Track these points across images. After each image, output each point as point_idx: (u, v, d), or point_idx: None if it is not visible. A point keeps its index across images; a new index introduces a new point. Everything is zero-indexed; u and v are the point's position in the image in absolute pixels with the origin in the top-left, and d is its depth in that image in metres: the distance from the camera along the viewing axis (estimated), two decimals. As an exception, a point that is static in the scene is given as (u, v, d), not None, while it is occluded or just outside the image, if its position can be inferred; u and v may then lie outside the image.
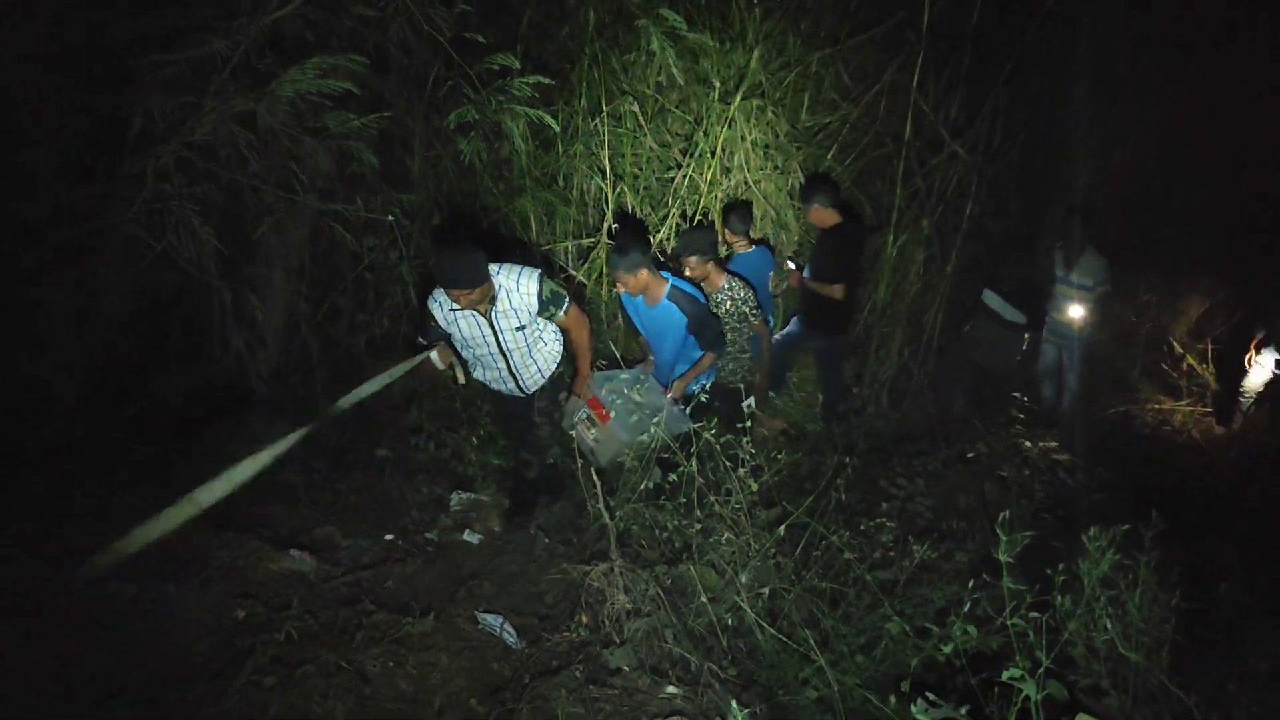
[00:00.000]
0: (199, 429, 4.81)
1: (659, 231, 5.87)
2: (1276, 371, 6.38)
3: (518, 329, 3.90)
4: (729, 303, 4.91)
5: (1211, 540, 3.67)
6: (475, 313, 3.78)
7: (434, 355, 3.86)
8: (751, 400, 5.10)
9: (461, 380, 4.16)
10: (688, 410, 4.56)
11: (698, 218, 6.19)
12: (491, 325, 3.85)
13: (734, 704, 2.09)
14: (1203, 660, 2.68)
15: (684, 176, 6.01)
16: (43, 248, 3.95)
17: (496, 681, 3.29)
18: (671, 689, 3.03)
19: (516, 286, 3.79)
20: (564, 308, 3.95)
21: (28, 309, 3.99)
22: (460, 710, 3.07)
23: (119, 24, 4.06)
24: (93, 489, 3.91)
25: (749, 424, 3.72)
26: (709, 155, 5.86)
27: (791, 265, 5.96)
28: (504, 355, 3.99)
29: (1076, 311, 6.16)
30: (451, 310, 3.77)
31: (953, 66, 6.45)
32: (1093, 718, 2.08)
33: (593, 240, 5.83)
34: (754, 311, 4.99)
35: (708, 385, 4.77)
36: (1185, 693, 2.27)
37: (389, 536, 4.31)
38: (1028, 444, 5.52)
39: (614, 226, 5.66)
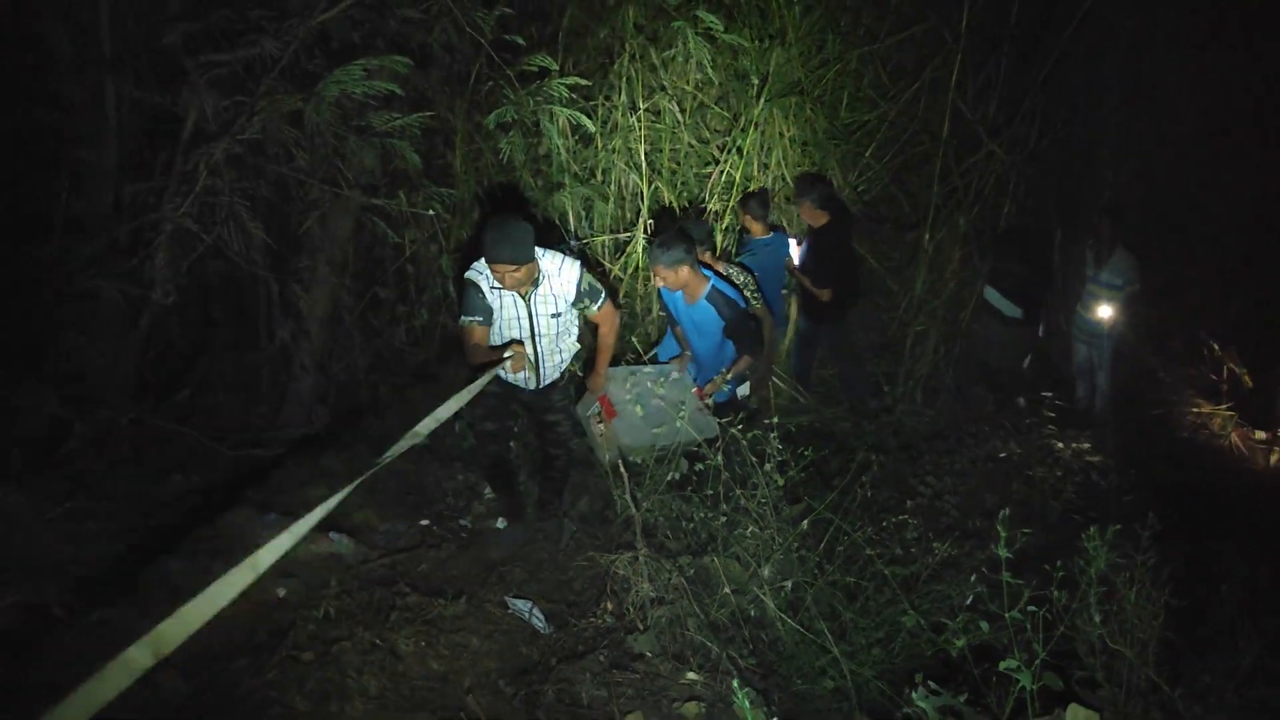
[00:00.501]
0: (242, 416, 5.01)
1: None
2: None
3: (553, 316, 3.83)
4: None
5: (1226, 542, 3.69)
6: (515, 293, 3.69)
7: (507, 365, 3.62)
8: (746, 385, 5.06)
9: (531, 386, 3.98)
10: (709, 404, 4.59)
11: (729, 216, 6.26)
12: (529, 309, 3.77)
13: (736, 683, 2.16)
14: (1194, 656, 2.73)
15: (721, 172, 6.07)
16: (100, 240, 4.12)
17: (524, 664, 3.40)
18: (692, 675, 3.11)
19: (559, 272, 3.74)
20: (599, 302, 3.91)
21: (85, 299, 4.16)
22: (489, 690, 3.18)
23: (175, 26, 4.23)
24: (139, 473, 4.10)
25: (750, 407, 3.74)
26: (745, 151, 5.92)
27: (793, 243, 5.98)
28: (533, 341, 3.87)
29: (1106, 311, 6.14)
30: (494, 287, 3.66)
31: (991, 65, 6.45)
32: (1084, 708, 2.16)
33: (629, 235, 5.91)
34: (754, 296, 4.94)
35: (729, 375, 4.71)
36: (1172, 686, 2.33)
37: (424, 522, 4.45)
38: (1060, 445, 5.51)
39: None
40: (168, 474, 4.17)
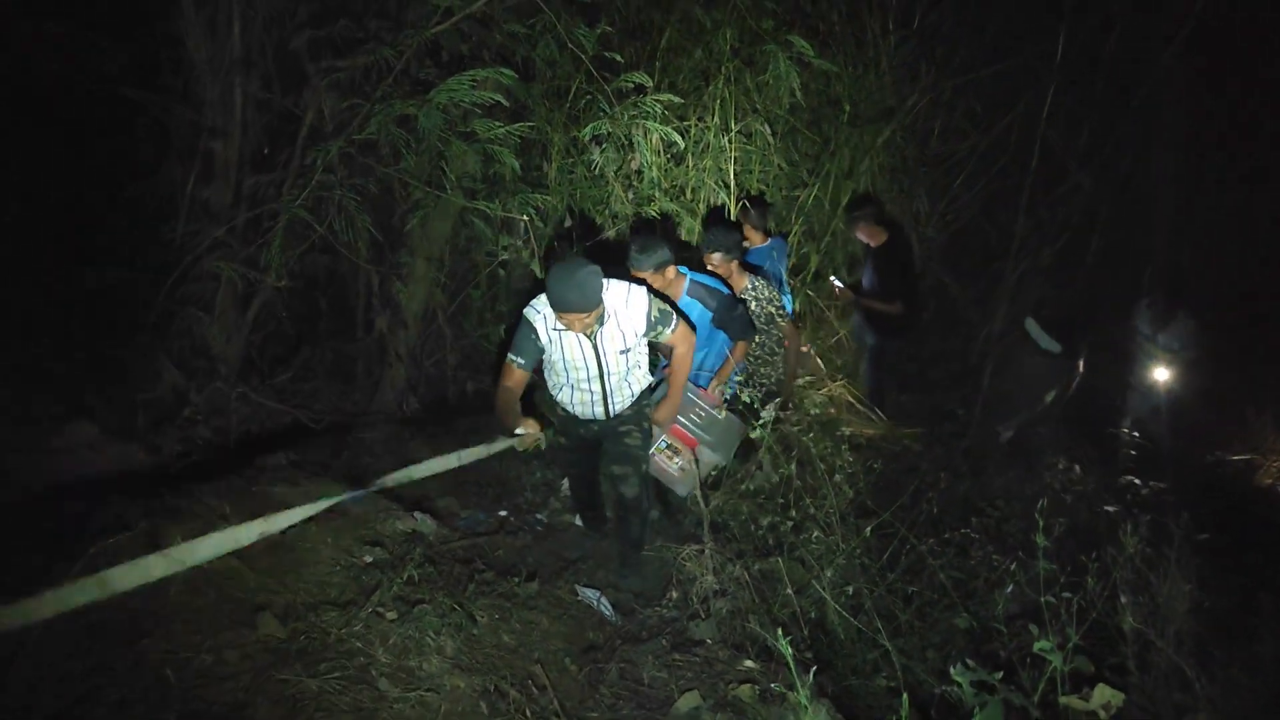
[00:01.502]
0: (338, 401, 5.30)
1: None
2: None
3: (622, 352, 3.57)
4: (754, 304, 4.73)
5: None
6: (580, 333, 3.45)
7: (519, 437, 3.52)
8: (771, 408, 4.92)
9: (544, 444, 3.83)
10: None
11: (827, 237, 6.36)
12: (595, 347, 3.52)
13: (779, 631, 2.27)
14: (1220, 648, 2.77)
15: (810, 196, 6.18)
16: (222, 226, 4.45)
17: (590, 645, 3.57)
18: (749, 663, 3.23)
19: (626, 305, 3.47)
20: (672, 326, 3.61)
21: (207, 280, 4.49)
22: (556, 665, 3.34)
23: (300, 32, 4.57)
24: (242, 444, 4.41)
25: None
26: (834, 175, 6.02)
27: (837, 283, 6.04)
28: (601, 379, 3.64)
29: (1161, 374, 6.03)
30: (555, 329, 3.45)
31: (1084, 97, 6.44)
32: (1111, 689, 2.23)
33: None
34: (780, 313, 4.82)
35: (731, 368, 4.53)
36: (1194, 672, 2.41)
37: (503, 512, 4.64)
38: (1137, 482, 5.45)
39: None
40: (268, 447, 4.46)
